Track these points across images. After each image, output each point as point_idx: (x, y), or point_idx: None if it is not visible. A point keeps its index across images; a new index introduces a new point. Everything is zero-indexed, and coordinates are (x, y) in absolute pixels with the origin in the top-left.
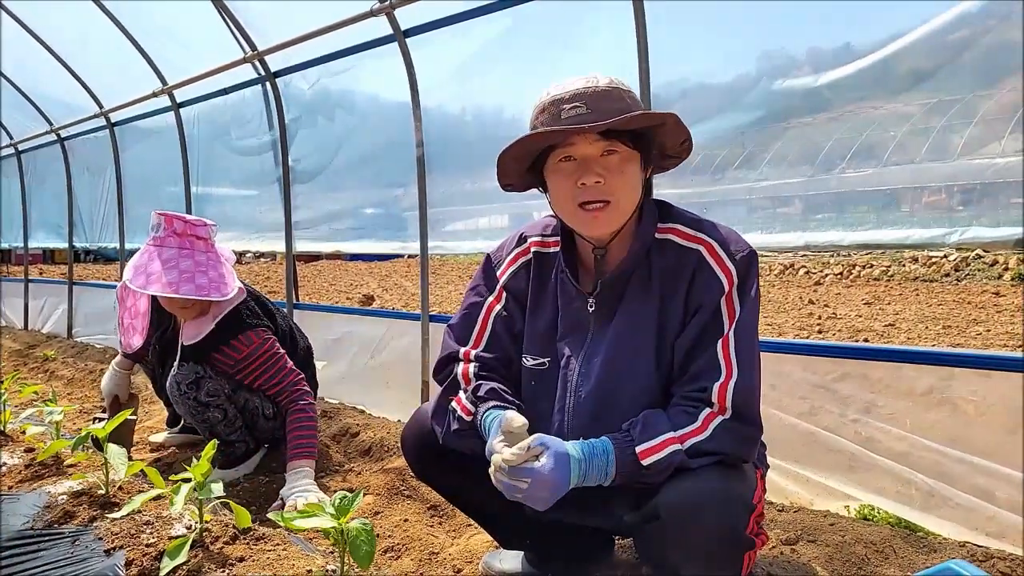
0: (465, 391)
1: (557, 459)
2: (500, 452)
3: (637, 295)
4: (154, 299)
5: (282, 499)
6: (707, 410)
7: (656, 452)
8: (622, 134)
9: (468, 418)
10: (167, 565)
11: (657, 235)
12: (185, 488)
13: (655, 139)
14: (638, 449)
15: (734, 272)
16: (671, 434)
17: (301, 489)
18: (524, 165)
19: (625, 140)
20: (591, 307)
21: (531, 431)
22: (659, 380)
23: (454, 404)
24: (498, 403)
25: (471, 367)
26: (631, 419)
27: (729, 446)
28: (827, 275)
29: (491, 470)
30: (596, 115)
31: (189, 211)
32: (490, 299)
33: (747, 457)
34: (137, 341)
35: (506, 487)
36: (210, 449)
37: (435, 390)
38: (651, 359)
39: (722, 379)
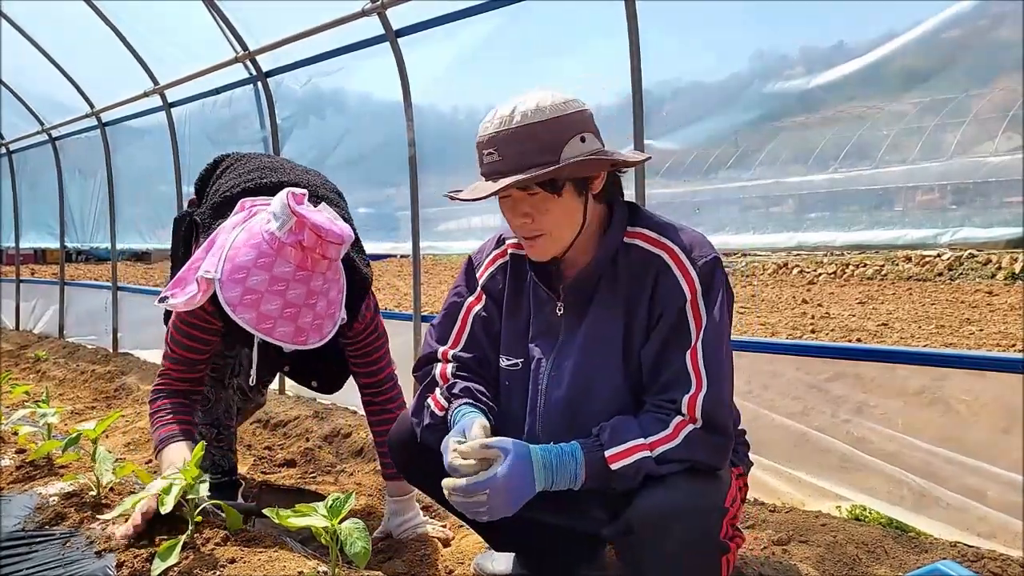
0: (441, 388)
1: (515, 465)
2: (455, 468)
3: (605, 299)
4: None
5: (387, 533)
6: (678, 418)
7: (625, 457)
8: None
9: (441, 413)
10: (158, 567)
11: (625, 239)
12: (175, 489)
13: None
14: (607, 454)
15: (696, 279)
16: (641, 440)
17: (417, 523)
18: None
19: (542, 185)
20: (559, 310)
21: (503, 431)
22: (628, 384)
23: (429, 400)
24: (469, 401)
25: (449, 367)
26: (601, 423)
27: (699, 454)
28: (820, 274)
29: (446, 494)
30: (505, 163)
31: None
32: (470, 300)
33: (718, 466)
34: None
35: (465, 507)
36: (199, 451)
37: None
38: (619, 363)
39: (692, 391)
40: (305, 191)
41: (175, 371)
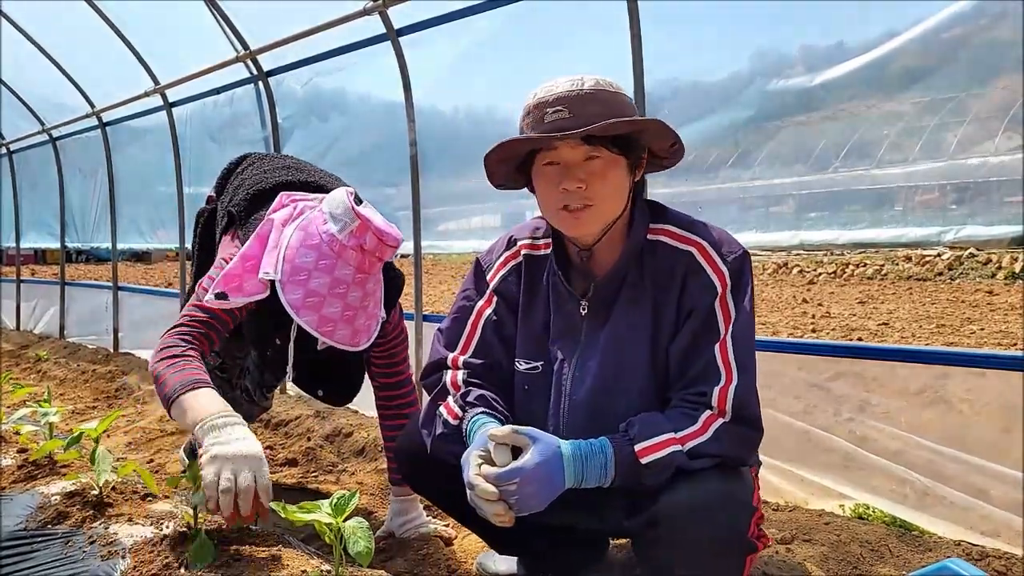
0: (454, 396)
1: (545, 454)
2: (477, 469)
3: (630, 297)
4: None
5: (390, 532)
6: (707, 412)
7: (656, 451)
8: (604, 139)
9: (455, 422)
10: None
11: (649, 236)
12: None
13: (640, 143)
14: (637, 448)
15: (727, 274)
16: (672, 435)
17: (420, 523)
18: (511, 167)
19: (608, 145)
20: (584, 310)
21: None
22: (654, 383)
23: (442, 409)
24: (486, 410)
25: (460, 374)
26: (629, 420)
27: (730, 448)
28: (821, 274)
29: (469, 494)
30: (578, 120)
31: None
32: (480, 303)
33: (747, 460)
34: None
35: (490, 506)
36: None
37: (424, 394)
38: (646, 362)
39: (722, 383)
40: (353, 190)
41: (212, 319)
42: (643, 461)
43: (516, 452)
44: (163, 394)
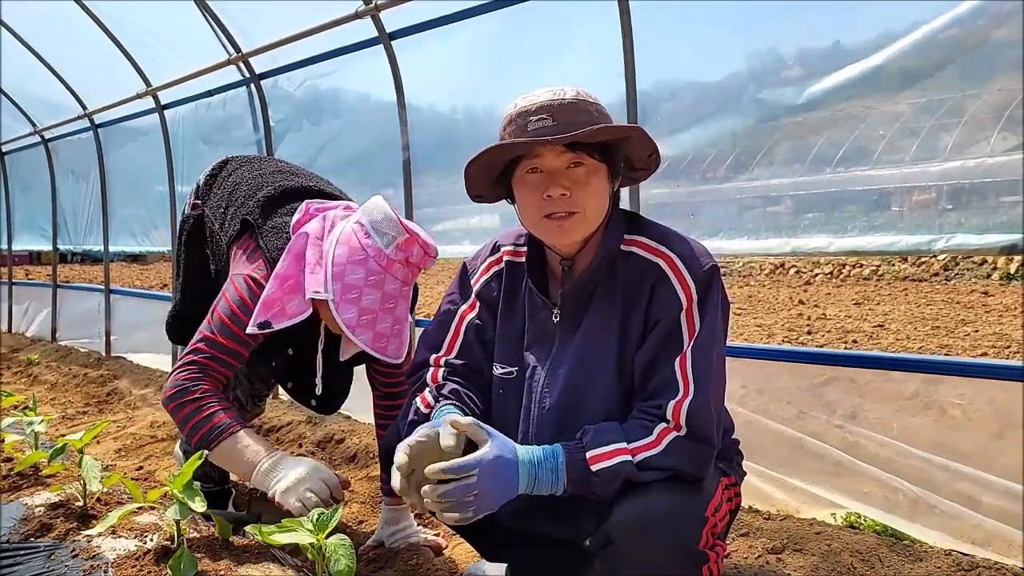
0: (431, 389)
1: (502, 451)
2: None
3: (601, 306)
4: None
5: (380, 542)
6: (662, 425)
7: (605, 460)
8: (588, 146)
9: (426, 410)
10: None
11: (623, 247)
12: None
13: (621, 151)
14: (588, 455)
15: (693, 288)
16: (623, 444)
17: (409, 532)
18: (491, 177)
19: (591, 152)
20: (556, 317)
21: None
22: (621, 392)
23: (417, 400)
24: (455, 403)
25: (440, 371)
26: (584, 428)
27: (681, 462)
28: (817, 275)
29: (424, 494)
30: (561, 127)
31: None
32: (463, 307)
33: (700, 475)
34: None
35: (452, 492)
36: (195, 461)
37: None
38: (613, 371)
39: (678, 397)
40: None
41: (222, 359)
42: (593, 469)
43: (468, 451)
44: (196, 439)
